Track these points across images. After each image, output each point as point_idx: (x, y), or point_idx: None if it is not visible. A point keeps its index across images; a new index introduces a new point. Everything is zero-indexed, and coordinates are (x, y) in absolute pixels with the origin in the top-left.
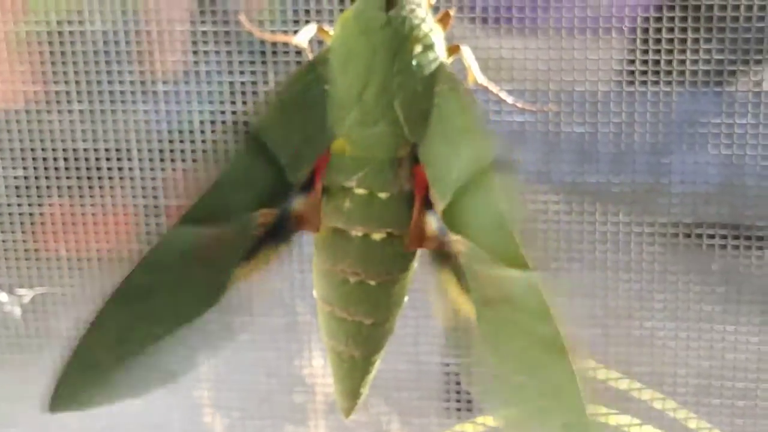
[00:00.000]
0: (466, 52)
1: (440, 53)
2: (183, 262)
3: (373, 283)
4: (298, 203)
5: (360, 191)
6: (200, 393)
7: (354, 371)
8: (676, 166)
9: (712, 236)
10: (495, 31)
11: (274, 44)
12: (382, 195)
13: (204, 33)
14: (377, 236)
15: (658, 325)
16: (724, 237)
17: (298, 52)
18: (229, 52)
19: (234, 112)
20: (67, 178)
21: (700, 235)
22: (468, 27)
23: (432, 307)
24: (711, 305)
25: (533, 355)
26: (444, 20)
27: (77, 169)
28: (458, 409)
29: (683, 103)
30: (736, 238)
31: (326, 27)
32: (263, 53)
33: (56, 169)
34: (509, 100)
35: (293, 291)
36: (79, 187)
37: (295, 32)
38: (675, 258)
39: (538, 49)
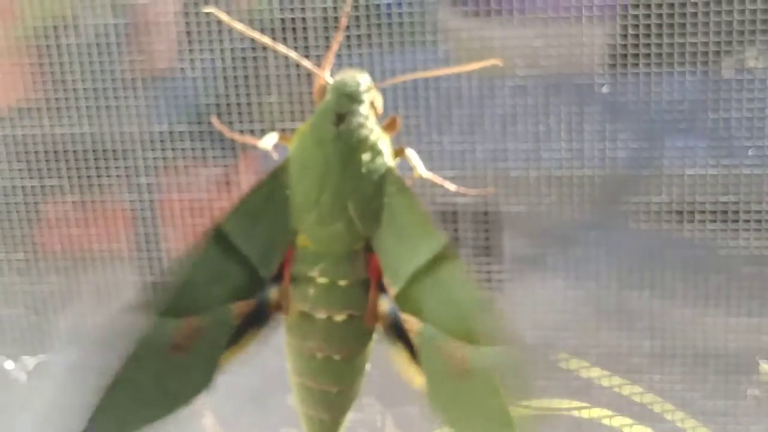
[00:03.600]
0: (411, 153)
1: (387, 159)
2: (168, 354)
3: (337, 357)
4: (272, 291)
5: (322, 280)
6: None
7: (324, 431)
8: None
9: (638, 298)
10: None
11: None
12: (342, 283)
13: (180, 133)
14: (339, 318)
15: (594, 374)
16: (650, 298)
17: None
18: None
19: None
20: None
21: (627, 297)
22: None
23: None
24: (639, 358)
25: (483, 424)
26: (391, 125)
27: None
28: None
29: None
30: (661, 298)
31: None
32: (233, 149)
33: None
34: (452, 187)
35: None
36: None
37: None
38: (605, 317)
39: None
